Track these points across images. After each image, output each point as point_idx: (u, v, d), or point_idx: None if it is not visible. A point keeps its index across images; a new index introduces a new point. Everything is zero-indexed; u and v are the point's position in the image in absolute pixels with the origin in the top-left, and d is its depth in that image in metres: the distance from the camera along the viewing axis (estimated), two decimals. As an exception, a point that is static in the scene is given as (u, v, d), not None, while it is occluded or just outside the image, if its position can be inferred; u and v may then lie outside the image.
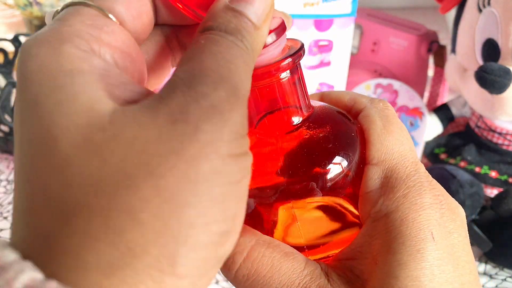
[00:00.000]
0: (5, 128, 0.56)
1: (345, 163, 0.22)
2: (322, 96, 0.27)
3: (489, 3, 0.48)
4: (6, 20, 0.80)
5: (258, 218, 0.23)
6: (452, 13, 0.56)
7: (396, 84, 0.56)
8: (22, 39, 0.61)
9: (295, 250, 0.21)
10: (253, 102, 0.22)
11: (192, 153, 0.15)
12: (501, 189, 0.51)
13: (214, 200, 0.15)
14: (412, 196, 0.20)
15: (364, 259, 0.20)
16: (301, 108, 0.23)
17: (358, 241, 0.21)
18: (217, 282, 0.46)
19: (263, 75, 0.21)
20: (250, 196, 0.21)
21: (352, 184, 0.22)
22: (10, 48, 0.61)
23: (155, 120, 0.15)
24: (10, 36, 0.62)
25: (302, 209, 0.22)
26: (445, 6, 0.54)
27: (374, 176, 0.22)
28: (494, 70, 0.46)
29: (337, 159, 0.22)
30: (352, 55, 0.67)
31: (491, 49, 0.49)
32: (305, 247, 0.23)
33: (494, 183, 0.53)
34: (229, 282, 0.45)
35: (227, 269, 0.21)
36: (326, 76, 0.52)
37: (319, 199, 0.22)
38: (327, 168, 0.22)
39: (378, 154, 0.22)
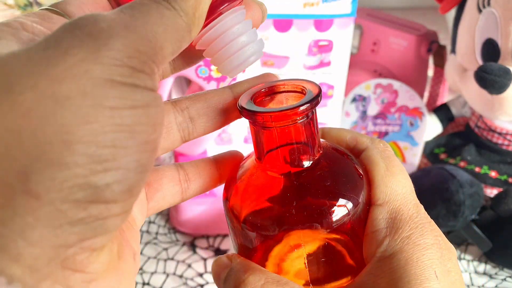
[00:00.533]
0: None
1: (350, 204, 0.23)
2: (322, 133, 0.27)
3: (489, 3, 0.48)
4: (6, 20, 0.80)
5: (262, 253, 0.23)
6: (452, 13, 0.56)
7: (396, 84, 0.56)
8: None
9: None
10: (265, 139, 0.23)
11: (56, 73, 0.15)
12: (501, 189, 0.51)
13: (79, 120, 0.15)
14: (416, 237, 0.21)
15: None
16: (312, 148, 0.23)
17: (363, 279, 0.22)
18: (217, 282, 0.46)
19: (281, 118, 0.22)
20: (253, 230, 0.22)
21: (357, 224, 0.23)
22: (10, 48, 0.61)
23: (29, 49, 0.16)
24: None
25: (307, 247, 0.23)
26: (445, 6, 0.54)
27: (379, 216, 0.23)
28: (493, 70, 0.47)
29: (343, 201, 0.23)
30: (352, 55, 0.67)
31: (491, 49, 0.49)
32: (310, 285, 0.23)
33: (494, 183, 0.53)
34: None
35: None
36: (326, 76, 0.52)
37: (325, 238, 0.23)
38: (333, 209, 0.22)
39: (382, 195, 0.23)
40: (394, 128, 0.58)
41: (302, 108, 0.21)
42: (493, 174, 0.54)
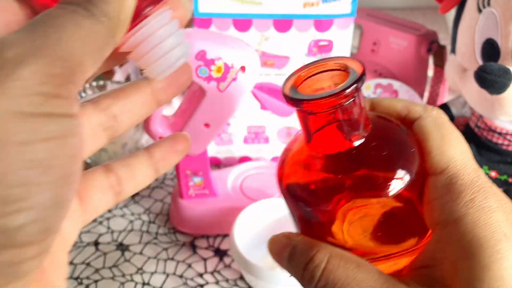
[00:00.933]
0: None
1: (406, 173, 0.23)
2: (372, 104, 0.27)
3: (489, 3, 0.48)
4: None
5: (323, 228, 0.24)
6: (452, 13, 0.56)
7: (396, 84, 0.56)
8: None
9: (367, 262, 0.22)
10: (313, 121, 0.23)
11: None
12: (501, 189, 0.51)
13: None
14: (479, 200, 0.21)
15: (441, 265, 0.21)
16: (361, 123, 0.23)
17: (431, 248, 0.22)
18: (217, 282, 0.46)
19: (328, 104, 0.21)
20: (313, 205, 0.23)
21: (414, 192, 0.23)
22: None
23: None
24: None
25: (368, 217, 0.23)
26: (444, 6, 0.54)
27: (438, 185, 0.22)
28: (493, 70, 0.47)
29: (399, 170, 0.23)
30: (352, 55, 0.67)
31: (491, 49, 0.49)
32: (374, 257, 0.24)
33: (494, 183, 0.53)
34: (229, 282, 0.45)
35: (307, 282, 0.22)
36: (326, 76, 0.52)
37: (385, 207, 0.23)
38: (390, 178, 0.22)
39: (441, 163, 0.23)
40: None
41: (348, 91, 0.21)
42: (493, 174, 0.54)
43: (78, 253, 0.49)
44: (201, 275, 0.47)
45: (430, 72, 0.66)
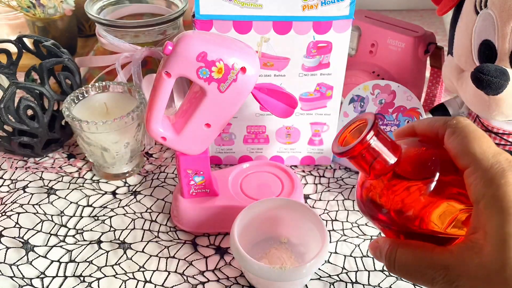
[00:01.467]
0: (8, 128, 0.57)
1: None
2: (413, 127, 0.34)
3: (486, 5, 0.48)
4: (9, 21, 0.80)
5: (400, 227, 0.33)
6: (449, 15, 0.56)
7: (394, 85, 0.56)
8: (25, 40, 0.62)
9: (423, 243, 0.31)
10: (357, 162, 0.32)
11: None
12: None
13: None
14: (497, 179, 0.27)
15: (477, 232, 0.28)
16: (391, 151, 0.32)
17: (472, 220, 0.29)
18: (218, 280, 0.46)
19: (356, 149, 0.31)
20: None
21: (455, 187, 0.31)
22: (13, 49, 0.62)
23: None
24: (13, 37, 0.63)
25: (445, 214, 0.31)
26: (442, 8, 0.54)
27: (468, 174, 0.29)
28: (490, 71, 0.47)
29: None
30: (350, 56, 0.67)
31: (488, 50, 0.49)
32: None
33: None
34: (230, 279, 0.45)
35: (392, 270, 0.31)
36: (325, 77, 0.53)
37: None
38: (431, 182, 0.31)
39: (465, 159, 0.29)
40: (392, 128, 0.58)
41: (364, 139, 0.31)
42: (489, 173, 0.55)
43: (81, 252, 0.49)
44: (202, 273, 0.47)
45: (427, 73, 0.66)
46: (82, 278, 0.47)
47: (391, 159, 0.32)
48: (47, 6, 0.73)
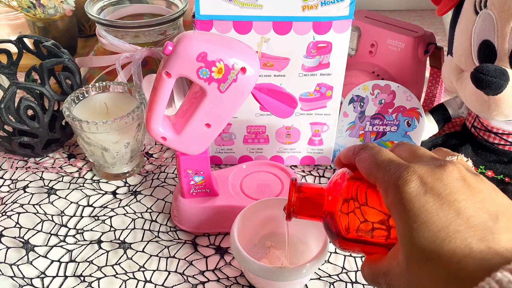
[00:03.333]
0: (8, 128, 0.57)
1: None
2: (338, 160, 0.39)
3: (485, 5, 0.48)
4: (9, 21, 0.80)
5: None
6: (449, 15, 0.56)
7: (394, 86, 0.56)
8: (26, 40, 0.62)
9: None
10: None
11: None
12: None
13: None
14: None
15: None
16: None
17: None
18: (218, 280, 0.47)
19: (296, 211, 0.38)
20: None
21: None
22: (13, 49, 0.62)
23: None
24: (14, 37, 0.63)
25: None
26: (442, 8, 0.54)
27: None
28: (490, 71, 0.47)
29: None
30: (350, 56, 0.67)
31: (487, 51, 0.49)
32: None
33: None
34: (230, 279, 0.45)
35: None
36: (325, 77, 0.53)
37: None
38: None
39: (372, 180, 0.32)
40: (391, 128, 0.59)
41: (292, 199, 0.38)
42: (489, 173, 0.55)
43: (81, 251, 0.50)
44: (202, 272, 0.47)
45: (427, 73, 0.66)
46: (82, 278, 0.47)
47: (321, 201, 0.37)
48: (48, 6, 0.73)
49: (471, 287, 0.23)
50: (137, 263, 0.48)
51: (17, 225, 0.53)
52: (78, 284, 0.46)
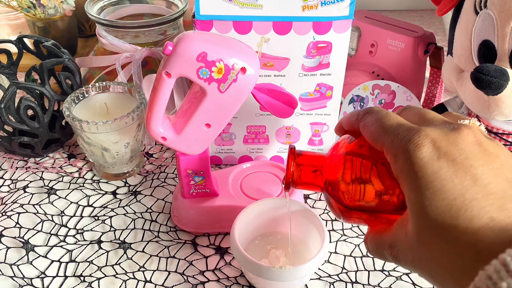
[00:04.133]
0: (8, 128, 0.57)
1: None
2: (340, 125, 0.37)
3: (485, 5, 0.48)
4: (9, 21, 0.80)
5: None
6: (449, 15, 0.56)
7: (394, 85, 0.56)
8: (26, 40, 0.62)
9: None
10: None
11: None
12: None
13: None
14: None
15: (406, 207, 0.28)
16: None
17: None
18: (218, 280, 0.47)
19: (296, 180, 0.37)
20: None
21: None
22: (13, 49, 0.62)
23: None
24: (14, 37, 0.63)
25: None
26: (442, 8, 0.54)
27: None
28: (490, 71, 0.47)
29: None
30: (350, 56, 0.67)
31: (487, 51, 0.49)
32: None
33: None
34: (230, 279, 0.45)
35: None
36: (325, 77, 0.53)
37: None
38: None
39: (378, 146, 0.31)
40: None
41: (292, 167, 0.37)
42: (489, 173, 0.55)
43: (81, 251, 0.50)
44: (202, 272, 0.47)
45: (427, 73, 0.66)
46: (82, 278, 0.47)
47: (322, 166, 0.36)
48: (48, 6, 0.73)
49: (490, 259, 0.21)
50: (137, 263, 0.48)
51: (17, 225, 0.53)
52: (78, 284, 0.46)
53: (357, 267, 0.48)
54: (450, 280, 0.24)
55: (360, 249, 0.50)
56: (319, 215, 0.47)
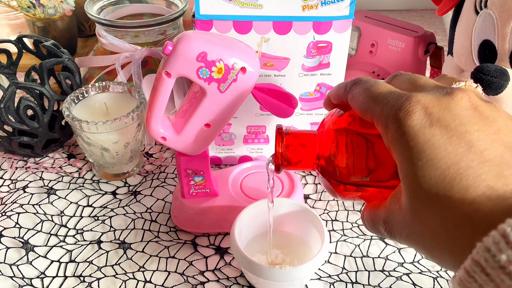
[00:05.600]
0: (8, 128, 0.57)
1: None
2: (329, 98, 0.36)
3: (486, 5, 0.48)
4: (9, 21, 0.80)
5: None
6: (449, 15, 0.56)
7: (394, 85, 0.56)
8: (25, 40, 0.62)
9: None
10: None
11: None
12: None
13: None
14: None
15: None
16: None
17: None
18: (217, 280, 0.47)
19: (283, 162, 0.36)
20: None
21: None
22: (13, 49, 0.62)
23: None
24: (14, 37, 0.63)
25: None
26: (442, 8, 0.54)
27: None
28: (490, 71, 0.47)
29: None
30: (350, 56, 0.67)
31: (488, 51, 0.49)
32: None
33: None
34: (230, 279, 0.45)
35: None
36: (325, 77, 0.53)
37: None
38: None
39: (368, 117, 0.29)
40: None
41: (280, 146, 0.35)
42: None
43: (81, 252, 0.50)
44: (202, 273, 0.47)
45: (428, 73, 0.66)
46: (82, 278, 0.47)
47: (311, 146, 0.34)
48: (47, 6, 0.73)
49: (488, 230, 0.20)
50: (137, 263, 0.48)
51: (17, 225, 0.53)
52: (78, 284, 0.46)
53: (357, 268, 0.48)
54: (446, 254, 0.23)
55: (360, 250, 0.50)
56: (319, 215, 0.47)
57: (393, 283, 0.46)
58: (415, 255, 0.49)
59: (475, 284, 0.20)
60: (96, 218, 0.54)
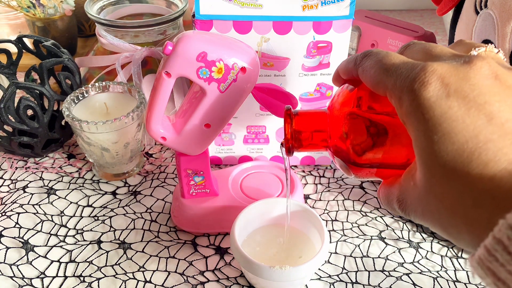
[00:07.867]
0: (8, 128, 0.57)
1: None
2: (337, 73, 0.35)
3: (486, 5, 0.48)
4: (9, 21, 0.80)
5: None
6: (449, 14, 0.56)
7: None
8: (25, 40, 0.62)
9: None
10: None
11: None
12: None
13: None
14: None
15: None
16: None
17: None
18: (217, 280, 0.47)
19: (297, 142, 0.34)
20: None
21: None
22: (13, 49, 0.62)
23: None
24: (14, 37, 0.63)
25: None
26: (442, 8, 0.54)
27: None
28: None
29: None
30: (351, 56, 0.67)
31: (487, 51, 0.49)
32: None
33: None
34: (230, 279, 0.45)
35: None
36: (325, 77, 0.53)
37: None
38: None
39: (380, 92, 0.28)
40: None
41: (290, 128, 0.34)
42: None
43: (81, 252, 0.50)
44: (202, 273, 0.47)
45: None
46: (82, 278, 0.47)
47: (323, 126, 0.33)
48: (47, 6, 0.73)
49: (511, 207, 0.19)
50: (137, 263, 0.48)
51: (17, 225, 0.53)
52: (78, 284, 0.46)
53: (357, 268, 0.48)
54: (464, 232, 0.22)
55: (360, 250, 0.50)
56: (319, 215, 0.47)
57: (393, 283, 0.46)
58: (415, 255, 0.49)
59: (496, 264, 0.19)
60: (96, 218, 0.54)
